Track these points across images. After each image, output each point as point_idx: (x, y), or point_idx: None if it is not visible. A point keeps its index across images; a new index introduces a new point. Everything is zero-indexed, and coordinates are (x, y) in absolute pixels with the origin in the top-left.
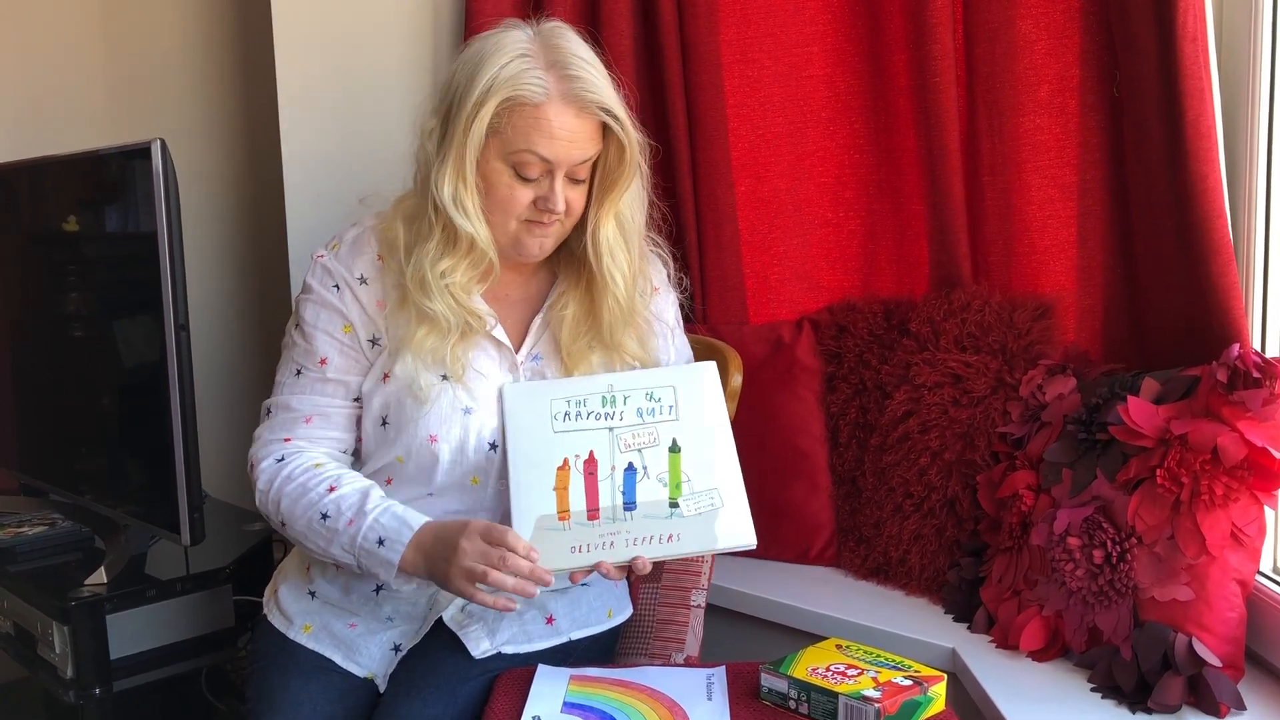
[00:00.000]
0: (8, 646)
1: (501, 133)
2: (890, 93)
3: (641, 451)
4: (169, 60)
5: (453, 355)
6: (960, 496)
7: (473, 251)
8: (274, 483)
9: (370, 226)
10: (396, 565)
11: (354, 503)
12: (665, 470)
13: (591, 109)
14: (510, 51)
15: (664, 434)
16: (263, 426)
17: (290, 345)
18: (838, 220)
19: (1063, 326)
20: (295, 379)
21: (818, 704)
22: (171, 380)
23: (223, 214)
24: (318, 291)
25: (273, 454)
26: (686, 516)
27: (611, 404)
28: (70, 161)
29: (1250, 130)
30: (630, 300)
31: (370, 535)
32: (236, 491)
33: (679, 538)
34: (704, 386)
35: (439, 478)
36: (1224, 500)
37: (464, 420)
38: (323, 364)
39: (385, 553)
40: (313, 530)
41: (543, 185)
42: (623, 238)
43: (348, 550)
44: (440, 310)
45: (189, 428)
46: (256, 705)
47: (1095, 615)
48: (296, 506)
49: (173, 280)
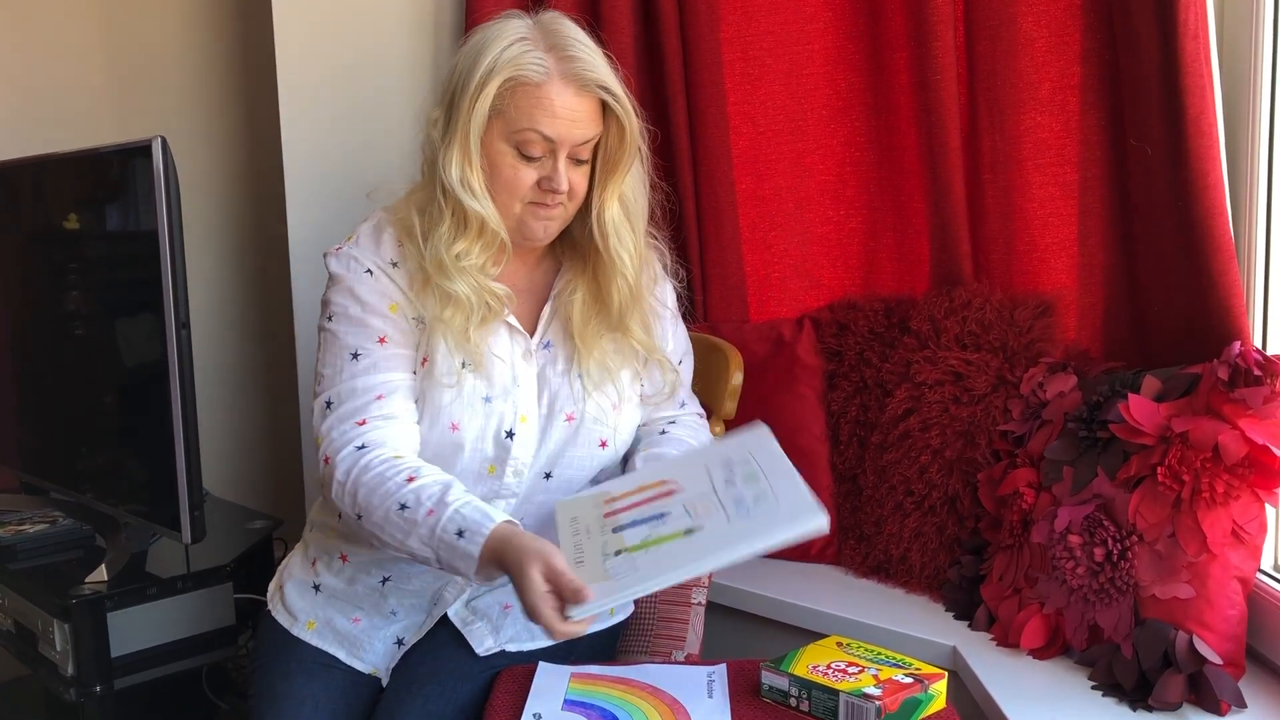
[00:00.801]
0: (9, 644)
1: (504, 113)
2: (891, 90)
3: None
4: (169, 58)
5: (473, 340)
6: (961, 494)
7: (484, 233)
8: (351, 472)
9: (383, 216)
10: (478, 558)
11: (435, 494)
12: None
13: (591, 88)
14: (511, 36)
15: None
16: (328, 421)
17: (333, 335)
18: (838, 218)
19: (1063, 324)
20: (353, 363)
21: (819, 702)
22: (172, 378)
23: (223, 212)
24: (350, 279)
25: (351, 441)
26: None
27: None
28: (71, 160)
29: (1251, 128)
30: (638, 282)
31: (450, 526)
32: (237, 490)
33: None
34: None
35: (458, 466)
36: (1225, 498)
37: (485, 409)
38: (382, 342)
39: (465, 544)
40: (390, 522)
41: (546, 165)
42: (627, 219)
43: (426, 542)
44: (462, 290)
45: (190, 426)
46: (260, 702)
47: (1096, 613)
48: (374, 496)
49: (173, 278)
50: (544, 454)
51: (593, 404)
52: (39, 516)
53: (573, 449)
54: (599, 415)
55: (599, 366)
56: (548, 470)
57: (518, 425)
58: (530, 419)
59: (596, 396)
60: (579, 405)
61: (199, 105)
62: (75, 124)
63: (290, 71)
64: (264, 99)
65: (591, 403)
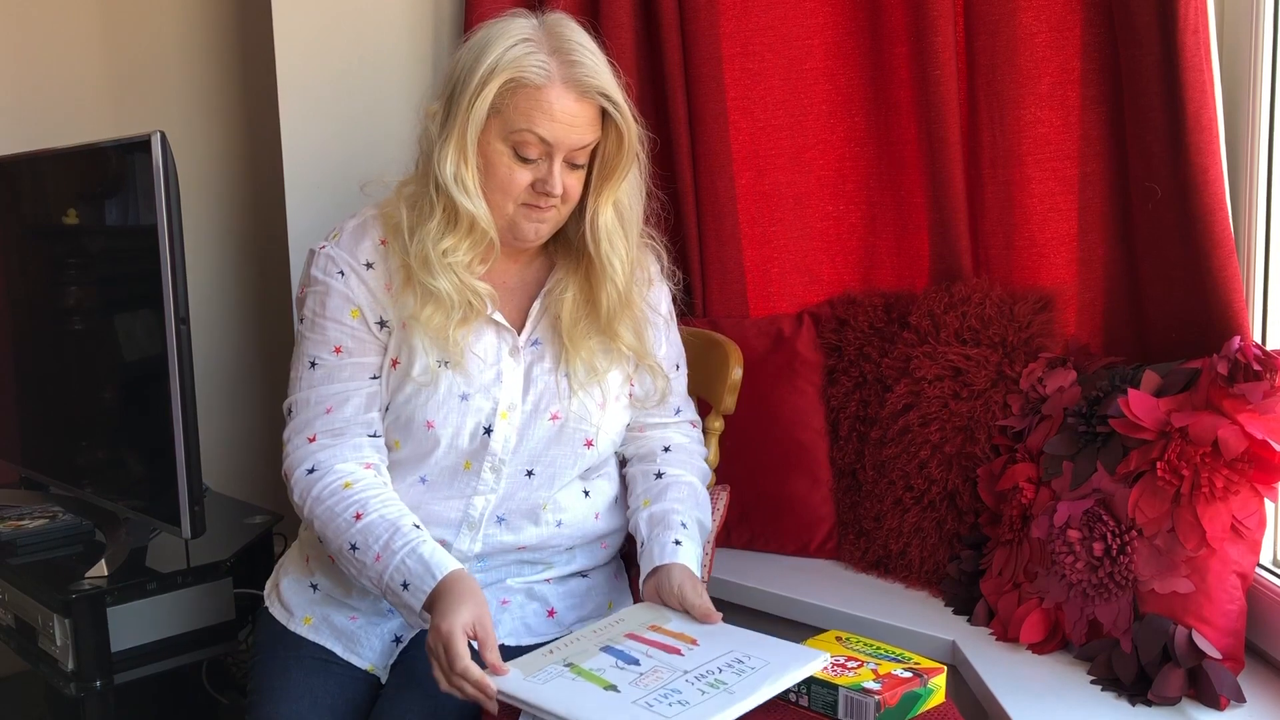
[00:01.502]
0: (9, 639)
1: (503, 113)
2: (891, 86)
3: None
4: (169, 53)
5: (453, 338)
6: (960, 489)
7: (473, 231)
8: (306, 499)
9: (371, 216)
10: (419, 611)
11: (381, 536)
12: None
13: (592, 94)
14: (515, 36)
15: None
16: (286, 430)
17: (300, 340)
18: (838, 213)
19: (1063, 319)
20: (310, 372)
21: (818, 696)
22: (172, 373)
23: (223, 206)
24: (322, 280)
25: (302, 462)
26: None
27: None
28: (70, 154)
29: (1251, 123)
30: (628, 288)
31: (396, 577)
32: (237, 485)
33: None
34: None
35: (433, 463)
36: (1224, 493)
37: (461, 406)
38: (337, 352)
39: (408, 597)
40: (343, 558)
41: (541, 168)
42: (621, 226)
43: (375, 584)
44: (444, 288)
45: (189, 421)
46: (258, 697)
47: (1095, 608)
48: (327, 530)
49: (173, 273)
50: (525, 451)
51: (578, 403)
52: (39, 512)
53: (556, 447)
54: (584, 414)
55: (586, 367)
56: (529, 468)
57: (497, 421)
58: (512, 415)
59: (582, 396)
60: (564, 404)
61: (199, 101)
62: (75, 119)
63: (290, 68)
64: (264, 95)
65: (577, 402)
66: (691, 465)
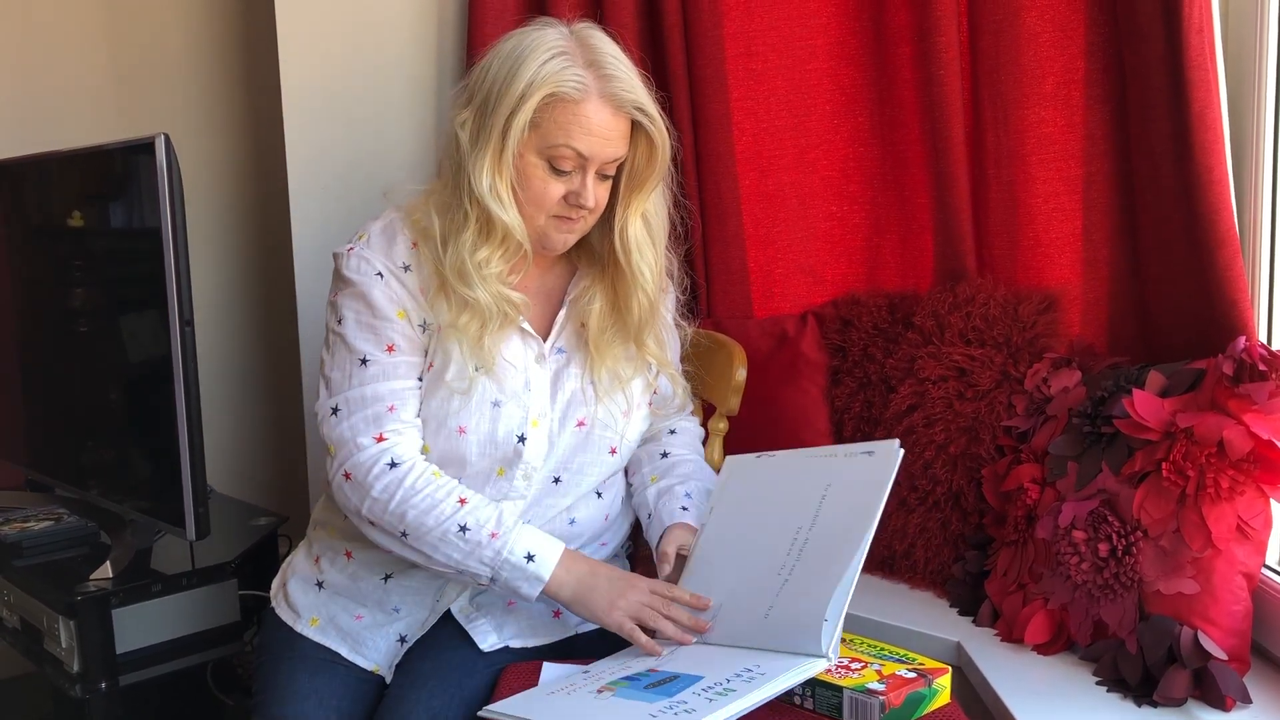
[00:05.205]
0: (14, 641)
1: (540, 126)
2: (895, 86)
3: None
4: (173, 55)
5: (486, 345)
6: (965, 490)
7: (507, 241)
8: (398, 492)
9: (396, 217)
10: (546, 581)
11: (492, 517)
12: None
13: (627, 108)
14: (549, 48)
15: None
16: (339, 429)
17: (342, 339)
18: (842, 214)
19: (1068, 320)
20: (361, 369)
21: (822, 698)
22: (177, 375)
23: (227, 209)
24: (360, 282)
25: (378, 459)
26: None
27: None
28: (75, 157)
29: (1256, 122)
30: (657, 296)
31: (518, 549)
32: (241, 486)
33: None
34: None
35: (467, 469)
36: (1229, 493)
37: (493, 413)
38: (390, 350)
39: (535, 568)
40: (447, 542)
41: (574, 180)
42: (649, 235)
43: (488, 563)
44: (483, 298)
45: (194, 423)
46: (263, 698)
47: (1100, 608)
48: (428, 518)
49: (177, 275)
50: (554, 459)
51: (603, 410)
52: (44, 513)
53: (582, 455)
54: (609, 422)
55: (610, 374)
56: (556, 475)
57: (529, 429)
58: (542, 423)
59: (607, 403)
60: (590, 410)
61: (202, 103)
62: (79, 122)
63: (294, 71)
64: (268, 95)
65: (602, 409)
66: (694, 447)
